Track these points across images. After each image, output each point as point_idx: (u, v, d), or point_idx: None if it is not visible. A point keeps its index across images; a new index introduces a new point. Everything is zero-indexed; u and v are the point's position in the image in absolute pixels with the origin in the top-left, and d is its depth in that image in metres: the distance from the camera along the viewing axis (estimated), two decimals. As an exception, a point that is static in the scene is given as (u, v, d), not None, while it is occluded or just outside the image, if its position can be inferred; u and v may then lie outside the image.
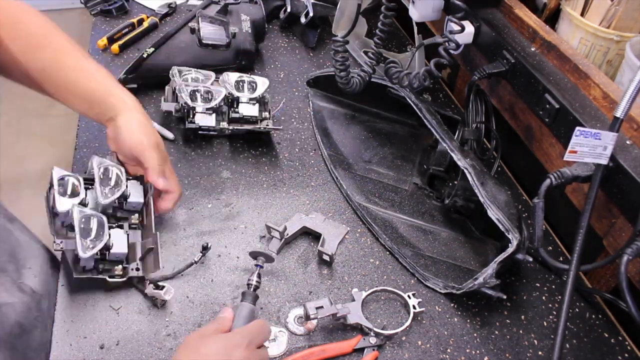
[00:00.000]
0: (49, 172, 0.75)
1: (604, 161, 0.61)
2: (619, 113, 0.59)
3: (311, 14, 1.19)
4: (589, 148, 0.60)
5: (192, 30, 1.07)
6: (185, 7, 1.36)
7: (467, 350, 0.70)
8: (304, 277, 0.78)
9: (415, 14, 0.88)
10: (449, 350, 0.70)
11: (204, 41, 1.07)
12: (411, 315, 0.72)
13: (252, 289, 0.69)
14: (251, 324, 0.65)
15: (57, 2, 3.28)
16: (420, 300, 0.74)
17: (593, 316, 0.74)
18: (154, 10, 1.31)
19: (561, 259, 0.82)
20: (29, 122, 2.61)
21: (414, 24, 0.98)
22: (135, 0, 1.37)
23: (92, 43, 1.21)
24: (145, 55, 1.05)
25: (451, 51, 0.80)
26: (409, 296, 0.74)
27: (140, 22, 1.25)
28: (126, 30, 1.23)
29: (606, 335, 0.72)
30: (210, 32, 1.09)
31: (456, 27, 0.80)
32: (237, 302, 0.73)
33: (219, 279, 0.77)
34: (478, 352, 0.70)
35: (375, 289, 0.75)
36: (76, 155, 0.94)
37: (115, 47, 1.18)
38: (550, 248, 0.83)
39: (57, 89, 0.77)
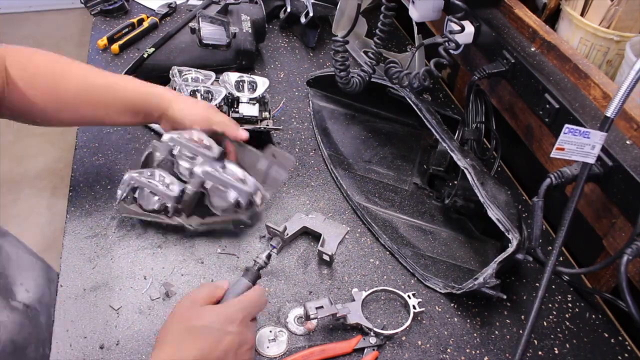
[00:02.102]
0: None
1: (591, 160, 0.61)
2: (609, 113, 0.58)
3: (311, 14, 1.19)
4: (576, 146, 0.60)
5: (193, 31, 1.07)
6: (185, 7, 1.36)
7: (467, 350, 0.70)
8: (304, 277, 0.78)
9: (415, 14, 0.88)
10: (449, 350, 0.70)
11: (204, 41, 1.07)
12: (411, 315, 0.72)
13: (256, 267, 0.66)
14: (247, 294, 0.61)
15: (57, 2, 3.28)
16: (420, 300, 0.74)
17: (593, 316, 0.74)
18: (154, 10, 1.32)
19: (561, 259, 0.82)
20: (29, 122, 2.61)
21: (414, 24, 0.98)
22: (135, 0, 1.37)
23: (92, 43, 1.21)
24: (145, 55, 1.05)
25: (451, 51, 0.80)
26: (409, 296, 0.74)
27: (140, 22, 1.26)
28: (126, 30, 1.23)
29: (606, 335, 0.72)
30: (210, 32, 1.09)
31: (456, 27, 0.80)
32: None
33: (219, 278, 0.76)
34: (478, 352, 0.70)
35: (375, 289, 0.75)
36: (76, 155, 0.94)
37: (115, 47, 1.18)
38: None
39: (95, 110, 0.79)
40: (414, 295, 0.74)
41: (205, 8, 1.14)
